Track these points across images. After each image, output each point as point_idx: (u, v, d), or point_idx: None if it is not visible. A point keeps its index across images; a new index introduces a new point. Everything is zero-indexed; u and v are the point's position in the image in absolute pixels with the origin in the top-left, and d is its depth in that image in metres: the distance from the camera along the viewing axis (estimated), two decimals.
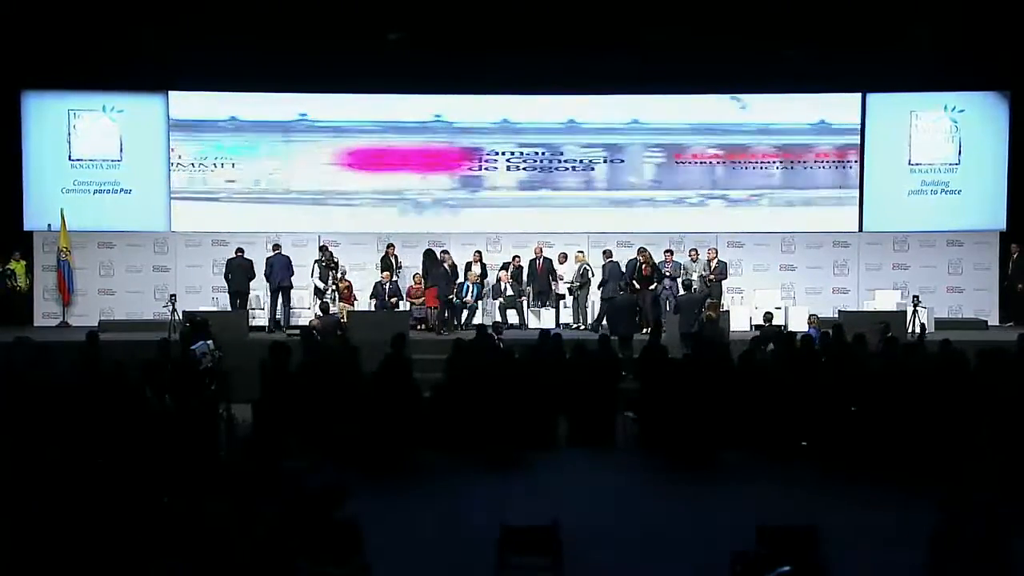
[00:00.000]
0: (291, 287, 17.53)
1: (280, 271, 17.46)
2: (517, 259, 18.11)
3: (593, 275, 17.76)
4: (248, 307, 17.44)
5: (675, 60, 17.84)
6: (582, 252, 18.07)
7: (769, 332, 14.86)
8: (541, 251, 18.10)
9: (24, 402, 9.73)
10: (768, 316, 15.87)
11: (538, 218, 19.11)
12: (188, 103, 18.78)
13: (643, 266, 17.26)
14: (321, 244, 18.13)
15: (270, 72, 18.03)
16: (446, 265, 17.53)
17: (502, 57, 17.82)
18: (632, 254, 17.71)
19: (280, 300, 17.50)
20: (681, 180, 19.16)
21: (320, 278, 17.49)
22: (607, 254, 17.67)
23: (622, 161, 19.14)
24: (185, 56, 17.71)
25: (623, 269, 17.36)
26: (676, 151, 19.12)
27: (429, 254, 17.91)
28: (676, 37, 17.48)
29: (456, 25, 17.52)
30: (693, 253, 17.87)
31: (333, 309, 16.82)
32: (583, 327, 17.45)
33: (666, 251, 17.79)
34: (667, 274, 17.32)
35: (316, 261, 17.63)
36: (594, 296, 17.84)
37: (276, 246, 17.71)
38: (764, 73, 18.22)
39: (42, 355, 11.77)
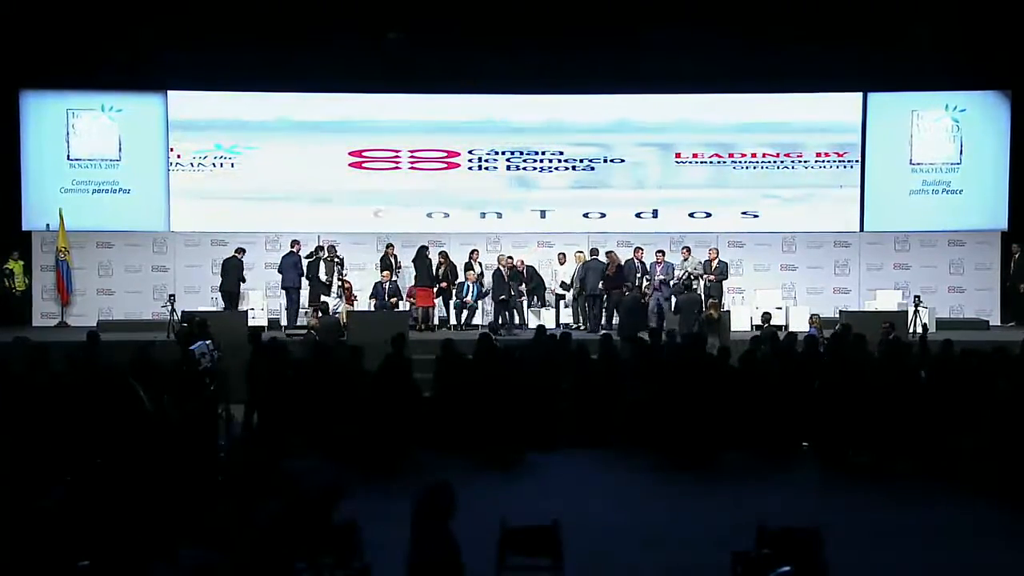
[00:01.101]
0: (298, 288, 17.50)
1: (286, 271, 17.45)
2: (510, 259, 17.99)
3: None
4: (238, 307, 17.40)
5: (672, 59, 17.81)
6: (581, 252, 18.01)
7: (768, 332, 14.83)
8: (523, 262, 17.94)
9: (22, 402, 9.69)
10: (767, 316, 15.82)
11: (536, 218, 19.11)
12: (187, 103, 18.75)
13: (608, 267, 17.19)
14: (319, 244, 18.09)
15: (270, 72, 18.01)
16: (441, 267, 17.58)
17: (483, 56, 17.85)
18: (630, 254, 17.74)
19: (288, 300, 17.55)
20: (681, 180, 19.13)
21: (326, 273, 17.46)
22: (594, 252, 17.64)
23: (622, 161, 19.10)
24: (184, 56, 17.71)
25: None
26: (675, 150, 19.09)
27: (418, 251, 17.86)
28: (673, 35, 17.46)
29: (452, 22, 17.52)
30: (685, 252, 17.78)
31: (335, 309, 16.81)
32: (584, 328, 17.38)
33: (657, 251, 17.71)
34: (640, 276, 17.17)
35: (322, 259, 17.60)
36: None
37: (294, 242, 17.72)
38: (765, 72, 18.18)
39: (40, 355, 11.71)
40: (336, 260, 17.50)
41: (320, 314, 16.03)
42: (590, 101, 19.02)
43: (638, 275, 17.42)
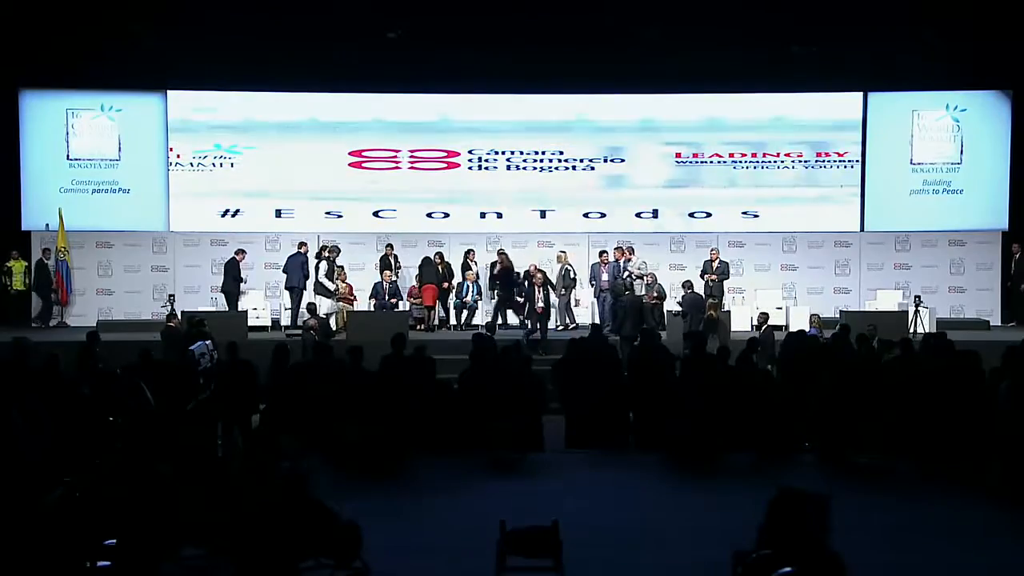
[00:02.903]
0: (302, 288, 17.47)
1: (292, 271, 17.45)
2: (502, 251, 17.98)
3: (576, 275, 17.69)
4: (235, 307, 17.39)
5: (671, 59, 17.80)
6: (564, 252, 17.94)
7: (766, 334, 14.79)
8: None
9: (22, 402, 9.67)
10: (764, 317, 15.73)
11: (536, 218, 19.11)
12: (186, 102, 18.76)
13: (501, 269, 17.04)
14: (322, 244, 18.09)
15: (270, 71, 18.01)
16: (438, 266, 17.61)
17: (484, 56, 17.84)
18: (630, 255, 17.70)
19: (291, 300, 17.54)
20: (681, 179, 19.12)
21: (327, 276, 17.45)
22: (618, 251, 17.61)
23: (622, 161, 19.10)
24: (184, 55, 17.70)
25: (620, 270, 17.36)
26: (676, 150, 19.08)
27: (425, 259, 17.89)
28: (672, 35, 17.45)
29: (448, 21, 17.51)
30: (628, 252, 17.54)
31: (335, 308, 16.81)
32: (572, 327, 17.30)
33: (601, 252, 17.66)
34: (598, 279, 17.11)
35: (324, 259, 17.58)
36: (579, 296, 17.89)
37: (302, 243, 17.71)
38: (766, 72, 18.18)
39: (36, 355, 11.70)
40: (334, 258, 17.53)
41: (309, 315, 16.05)
42: (590, 101, 19.02)
43: (621, 276, 17.21)
